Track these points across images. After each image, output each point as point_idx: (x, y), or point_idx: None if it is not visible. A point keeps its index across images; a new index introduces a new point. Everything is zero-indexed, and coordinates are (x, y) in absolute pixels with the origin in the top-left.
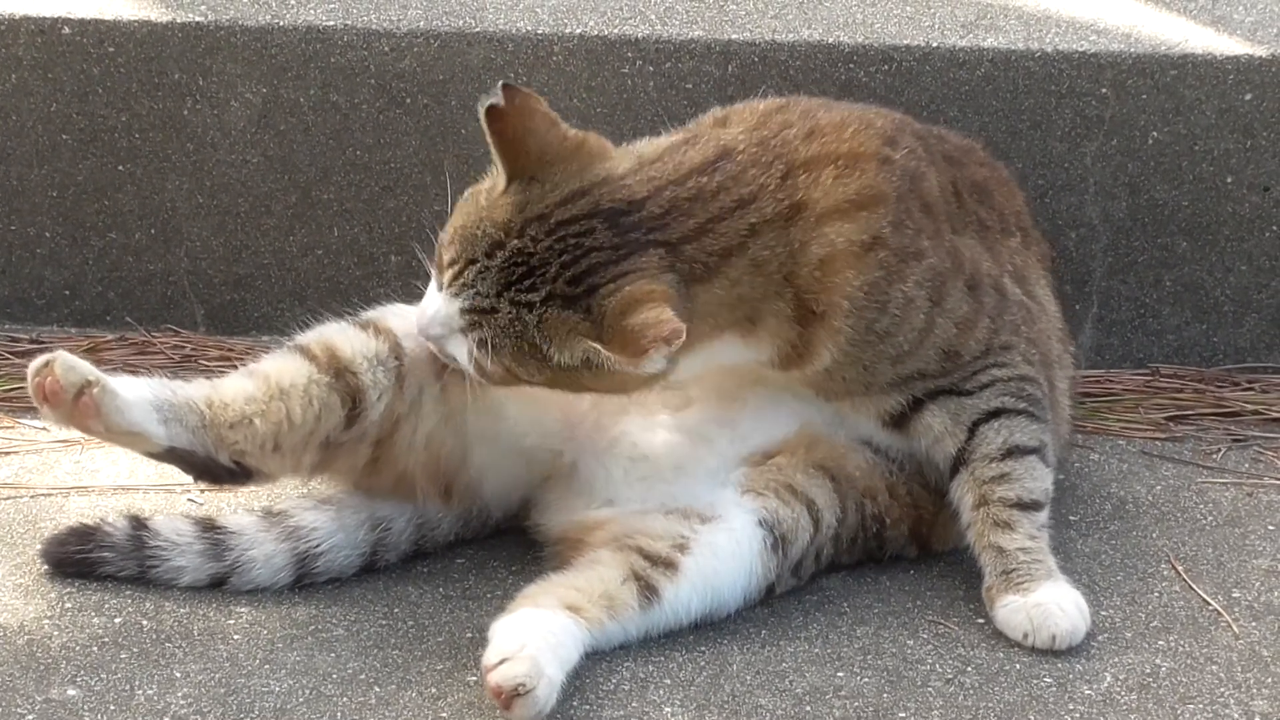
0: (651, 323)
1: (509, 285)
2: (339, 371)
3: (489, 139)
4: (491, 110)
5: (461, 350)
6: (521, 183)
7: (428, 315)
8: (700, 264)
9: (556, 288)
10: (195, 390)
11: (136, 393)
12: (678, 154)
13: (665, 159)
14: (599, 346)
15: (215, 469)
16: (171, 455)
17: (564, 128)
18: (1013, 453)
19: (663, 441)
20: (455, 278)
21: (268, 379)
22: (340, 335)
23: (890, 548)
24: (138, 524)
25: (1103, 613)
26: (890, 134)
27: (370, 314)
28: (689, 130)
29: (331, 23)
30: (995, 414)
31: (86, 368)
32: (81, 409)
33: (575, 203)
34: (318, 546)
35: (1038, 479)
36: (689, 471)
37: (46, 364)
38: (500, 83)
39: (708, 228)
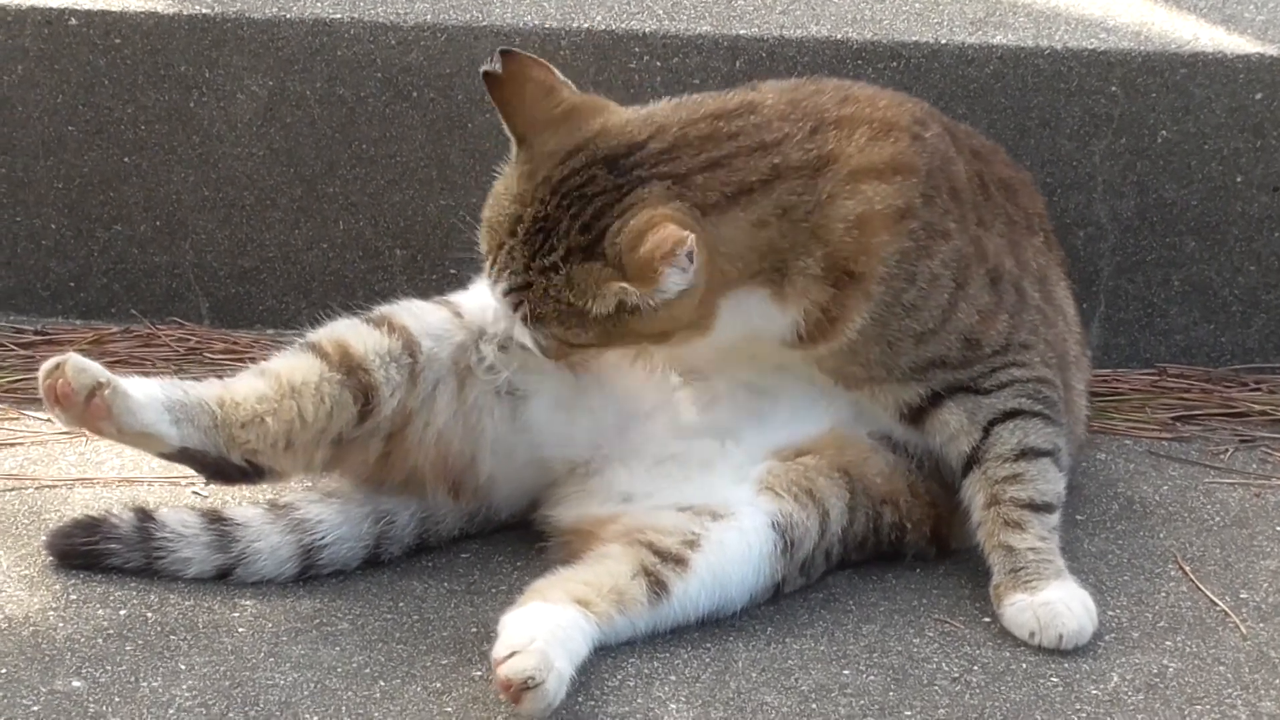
0: (656, 243)
1: (534, 255)
2: (351, 369)
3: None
4: (488, 76)
5: (523, 334)
6: (528, 150)
7: (491, 315)
8: (714, 193)
9: (572, 241)
10: (207, 390)
11: (148, 393)
12: (693, 103)
13: (678, 109)
14: (624, 285)
15: (228, 468)
16: (184, 455)
17: (560, 94)
18: (1026, 454)
19: (690, 440)
20: (492, 266)
21: (279, 378)
22: (352, 332)
23: (910, 550)
24: (144, 516)
25: (1110, 613)
26: (921, 116)
27: (383, 309)
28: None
29: (338, 16)
30: (1011, 415)
31: (98, 369)
32: (93, 411)
33: (573, 158)
34: (323, 539)
35: (1050, 482)
36: (715, 468)
37: (58, 366)
38: (500, 49)
39: (721, 162)
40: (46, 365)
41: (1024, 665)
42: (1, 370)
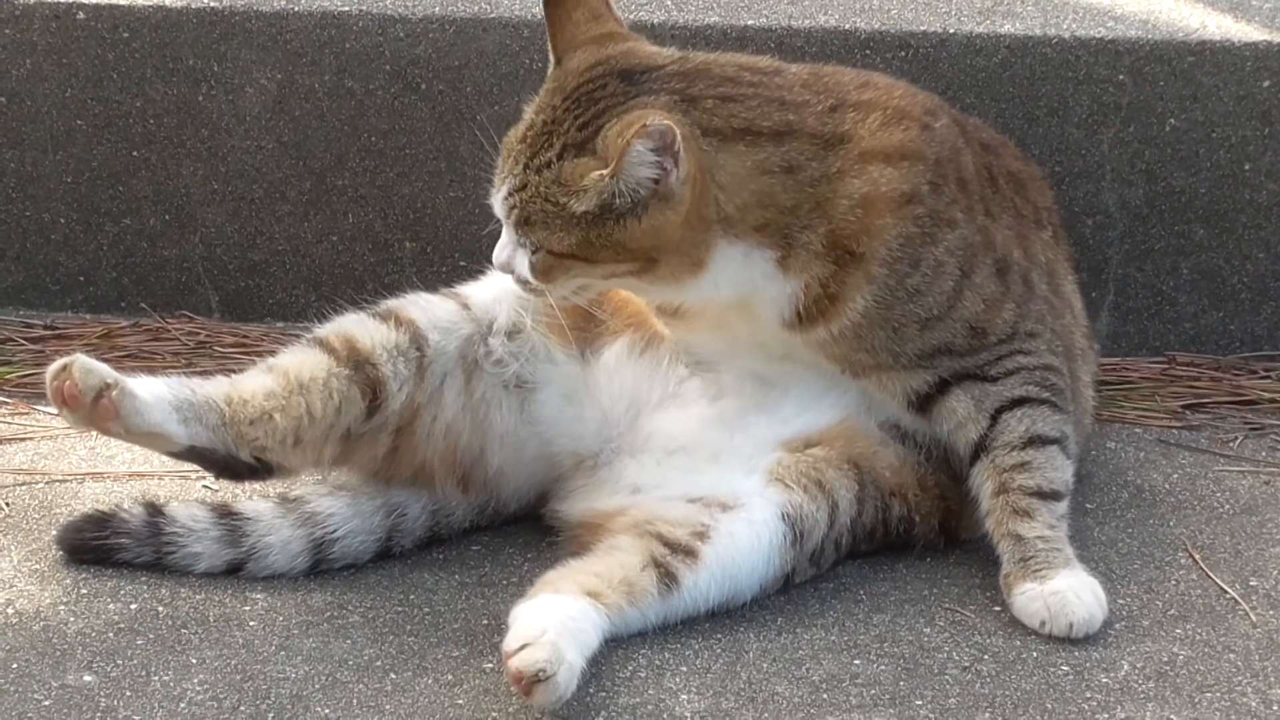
0: (630, 124)
1: (534, 155)
2: (358, 364)
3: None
4: None
5: (519, 256)
6: (560, 68)
7: (498, 248)
8: (721, 121)
9: (569, 138)
10: (214, 388)
11: (155, 393)
12: (726, 56)
13: (710, 55)
14: (601, 172)
15: (236, 466)
16: (192, 454)
17: (605, 22)
18: (1034, 442)
19: (699, 432)
20: (498, 174)
21: (287, 374)
22: (359, 327)
23: (919, 541)
24: (154, 510)
25: (1120, 601)
26: (932, 108)
27: (390, 304)
28: None
29: (346, 8)
30: (1019, 402)
31: (104, 370)
32: (101, 411)
33: (592, 70)
34: (334, 532)
35: (1058, 469)
36: (724, 459)
37: (64, 367)
38: None
39: (736, 98)
40: (54, 367)
41: (1034, 654)
42: (11, 365)
